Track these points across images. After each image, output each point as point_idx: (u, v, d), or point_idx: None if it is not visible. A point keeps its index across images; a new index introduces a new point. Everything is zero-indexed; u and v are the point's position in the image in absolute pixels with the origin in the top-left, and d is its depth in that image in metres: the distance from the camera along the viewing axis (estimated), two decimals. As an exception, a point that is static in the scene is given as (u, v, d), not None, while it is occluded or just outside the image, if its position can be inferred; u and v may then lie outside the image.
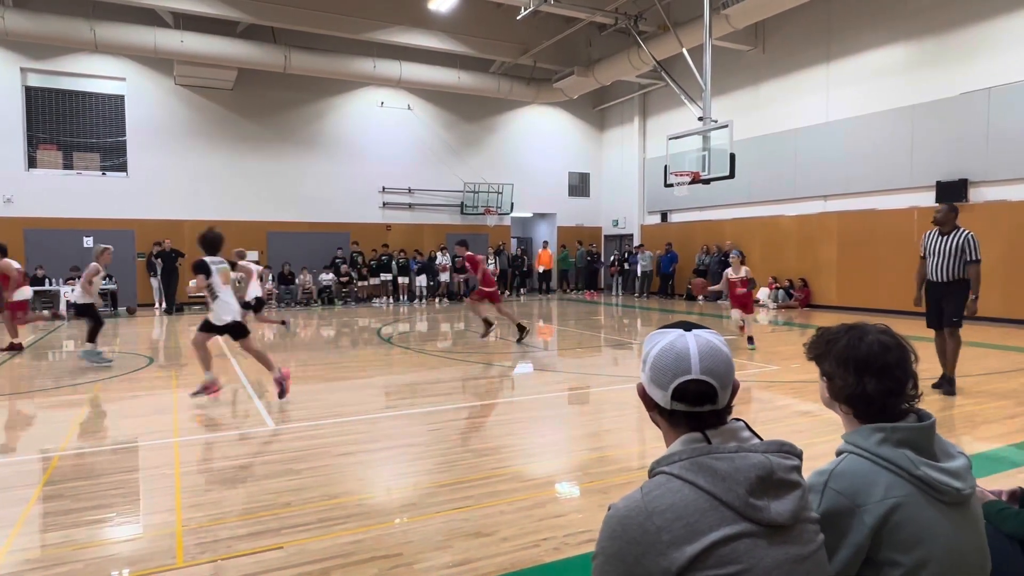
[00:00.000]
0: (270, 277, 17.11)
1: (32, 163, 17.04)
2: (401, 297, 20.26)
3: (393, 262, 20.06)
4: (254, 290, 11.36)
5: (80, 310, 9.01)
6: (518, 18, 16.03)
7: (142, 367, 8.89)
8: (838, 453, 1.57)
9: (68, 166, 17.41)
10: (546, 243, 23.57)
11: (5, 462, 4.94)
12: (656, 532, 1.22)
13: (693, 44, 15.47)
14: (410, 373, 8.66)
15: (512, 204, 22.38)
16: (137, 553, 3.35)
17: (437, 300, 20.40)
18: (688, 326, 1.41)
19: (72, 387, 7.60)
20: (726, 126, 13.41)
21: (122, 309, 16.75)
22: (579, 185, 24.68)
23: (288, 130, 19.67)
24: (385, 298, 20.02)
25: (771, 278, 17.64)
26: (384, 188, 20.90)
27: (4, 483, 4.46)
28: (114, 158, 17.81)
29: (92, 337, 8.85)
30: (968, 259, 6.57)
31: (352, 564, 3.13)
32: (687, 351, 1.33)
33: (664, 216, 22.09)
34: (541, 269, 23.19)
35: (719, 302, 17.89)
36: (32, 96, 17.04)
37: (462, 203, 22.07)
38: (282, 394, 6.46)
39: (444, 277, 20.59)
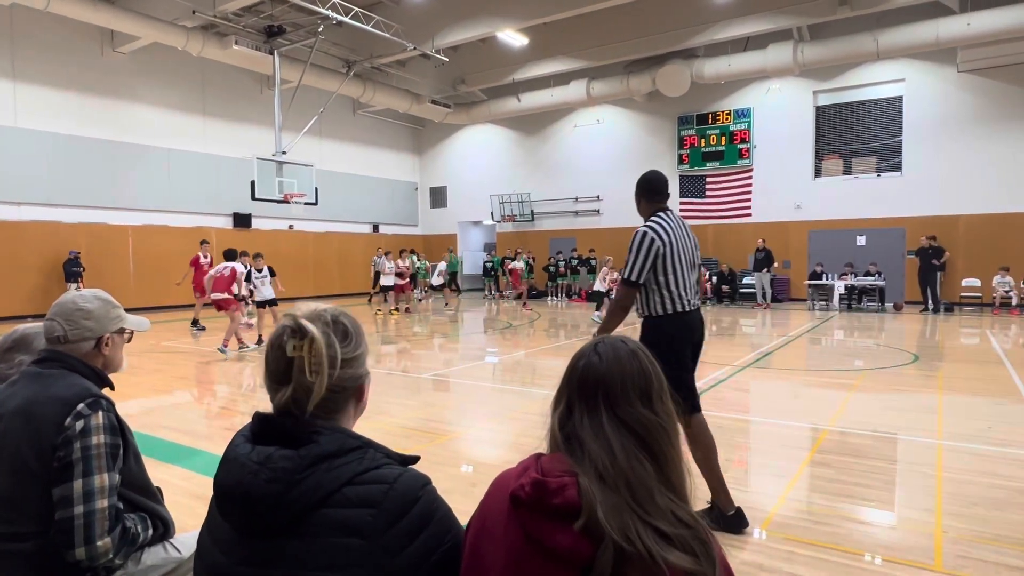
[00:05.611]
0: None
1: (817, 173, 19.18)
2: None
3: None
4: None
5: None
6: None
7: (906, 363, 8.83)
8: None
9: (847, 172, 18.78)
10: None
11: (784, 424, 5.85)
12: None
13: None
14: None
15: None
16: (890, 540, 3.43)
17: None
18: None
19: (842, 371, 8.26)
20: None
21: (888, 305, 16.98)
22: None
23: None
24: None
25: None
26: None
27: (784, 441, 5.31)
28: (889, 159, 18.13)
29: None
30: None
31: None
32: None
33: None
34: None
35: None
36: (820, 114, 19.13)
37: None
38: None
39: None
